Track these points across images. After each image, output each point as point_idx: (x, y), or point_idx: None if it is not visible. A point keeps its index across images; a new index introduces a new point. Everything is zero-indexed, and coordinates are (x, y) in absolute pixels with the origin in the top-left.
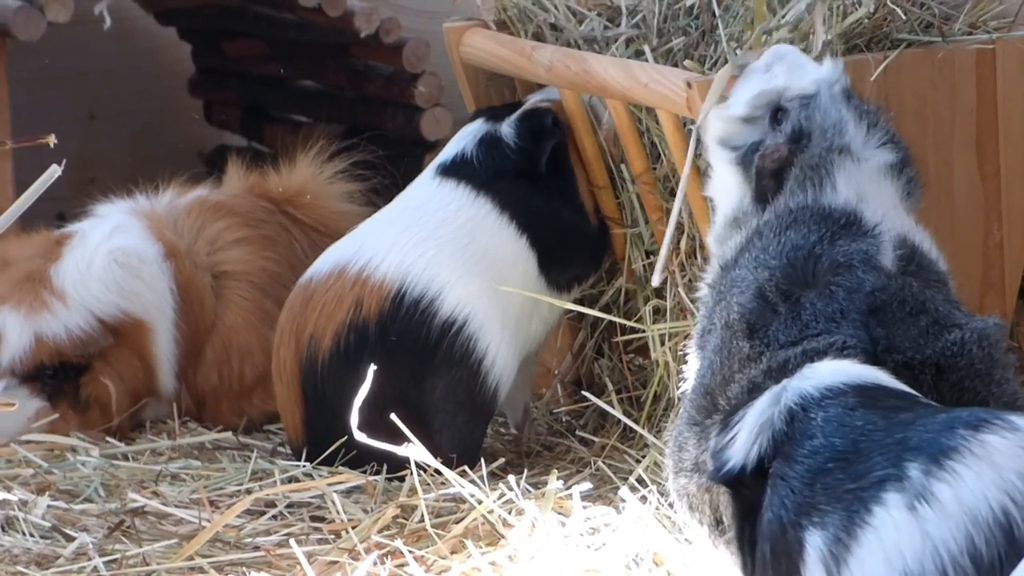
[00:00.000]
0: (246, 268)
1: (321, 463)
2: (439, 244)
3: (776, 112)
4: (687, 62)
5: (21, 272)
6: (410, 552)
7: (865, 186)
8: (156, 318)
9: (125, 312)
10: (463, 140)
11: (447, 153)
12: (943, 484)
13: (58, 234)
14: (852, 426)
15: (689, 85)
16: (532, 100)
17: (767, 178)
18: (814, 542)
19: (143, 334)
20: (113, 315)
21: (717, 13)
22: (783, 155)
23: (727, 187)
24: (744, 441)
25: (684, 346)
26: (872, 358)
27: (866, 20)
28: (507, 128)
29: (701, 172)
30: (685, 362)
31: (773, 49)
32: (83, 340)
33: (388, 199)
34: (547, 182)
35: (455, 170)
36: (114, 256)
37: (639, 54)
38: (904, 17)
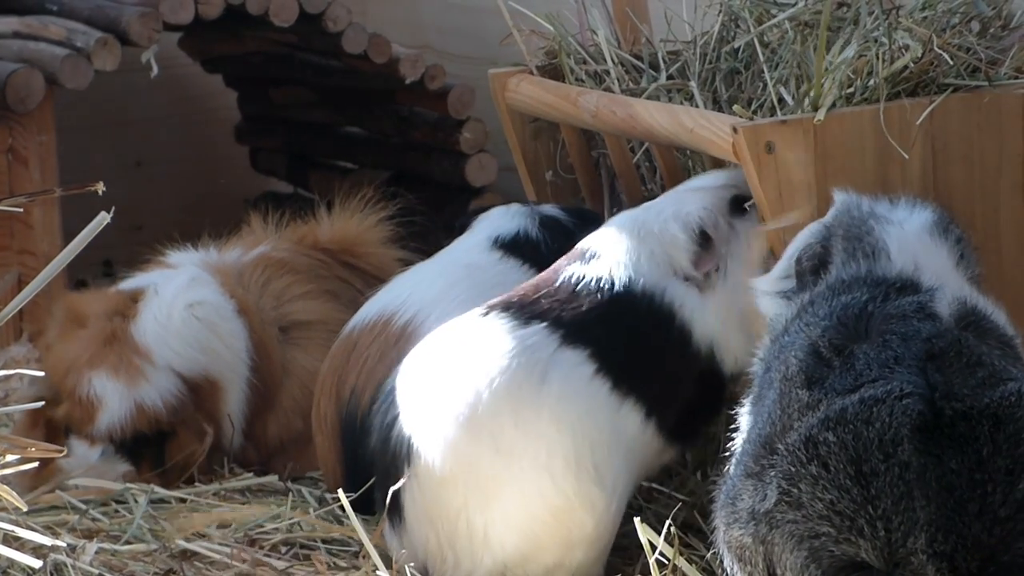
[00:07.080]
0: (319, 316)
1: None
2: None
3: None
4: (735, 107)
5: (103, 332)
6: None
7: (918, 252)
8: (229, 377)
9: (204, 368)
10: (520, 218)
11: (504, 229)
12: None
13: (131, 289)
14: None
15: (735, 130)
16: None
17: (809, 275)
18: None
19: (216, 393)
20: (192, 371)
21: (762, 56)
22: (817, 250)
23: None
24: None
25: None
26: (931, 404)
27: (912, 64)
28: (564, 215)
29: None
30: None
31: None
32: (175, 406)
33: (432, 244)
34: None
35: (518, 249)
36: (192, 311)
37: (688, 98)
38: (951, 62)
